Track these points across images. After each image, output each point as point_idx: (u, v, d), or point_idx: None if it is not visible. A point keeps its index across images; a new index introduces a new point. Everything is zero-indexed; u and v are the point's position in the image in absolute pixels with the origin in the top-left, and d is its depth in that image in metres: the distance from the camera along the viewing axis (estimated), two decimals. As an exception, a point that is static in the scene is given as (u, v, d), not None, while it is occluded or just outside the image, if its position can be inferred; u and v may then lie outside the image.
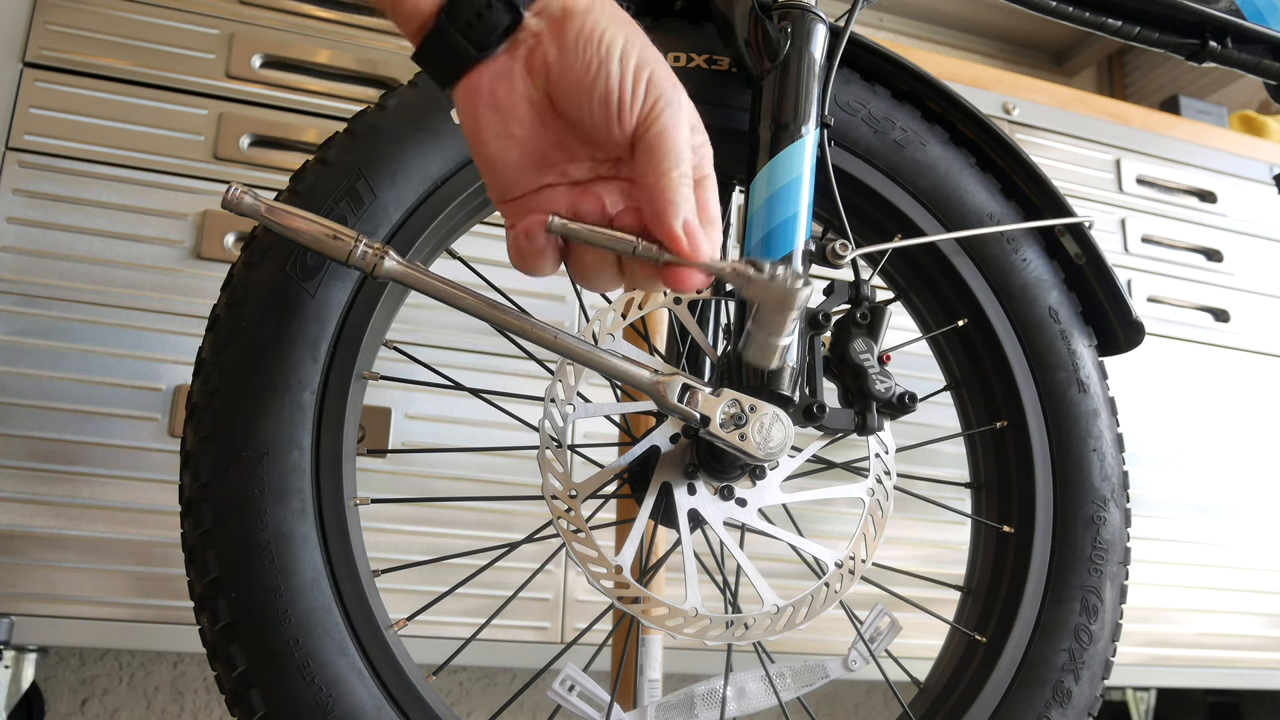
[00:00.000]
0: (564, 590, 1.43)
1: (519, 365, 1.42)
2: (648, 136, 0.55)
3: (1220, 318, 1.91)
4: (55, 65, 1.34)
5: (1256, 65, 1.02)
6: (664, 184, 0.55)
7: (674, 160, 0.55)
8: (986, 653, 0.81)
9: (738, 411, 0.67)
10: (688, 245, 0.55)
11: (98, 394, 1.28)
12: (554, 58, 0.55)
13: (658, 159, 0.55)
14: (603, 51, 0.54)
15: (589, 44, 0.54)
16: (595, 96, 0.54)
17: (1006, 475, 0.86)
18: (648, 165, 0.55)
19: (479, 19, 0.54)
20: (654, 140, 0.55)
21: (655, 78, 0.55)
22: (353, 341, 0.71)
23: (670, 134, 0.55)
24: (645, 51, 0.55)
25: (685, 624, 0.71)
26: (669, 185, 0.55)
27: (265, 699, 0.64)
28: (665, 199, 0.55)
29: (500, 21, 0.54)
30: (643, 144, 0.55)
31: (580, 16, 0.54)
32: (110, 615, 1.24)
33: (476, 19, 0.54)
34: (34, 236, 1.30)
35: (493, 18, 0.54)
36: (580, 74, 0.54)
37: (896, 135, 0.85)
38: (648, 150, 0.55)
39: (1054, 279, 0.88)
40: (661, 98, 0.55)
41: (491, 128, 0.56)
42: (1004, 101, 1.84)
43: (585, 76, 0.54)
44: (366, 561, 0.70)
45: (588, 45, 0.54)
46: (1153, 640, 1.73)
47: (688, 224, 0.55)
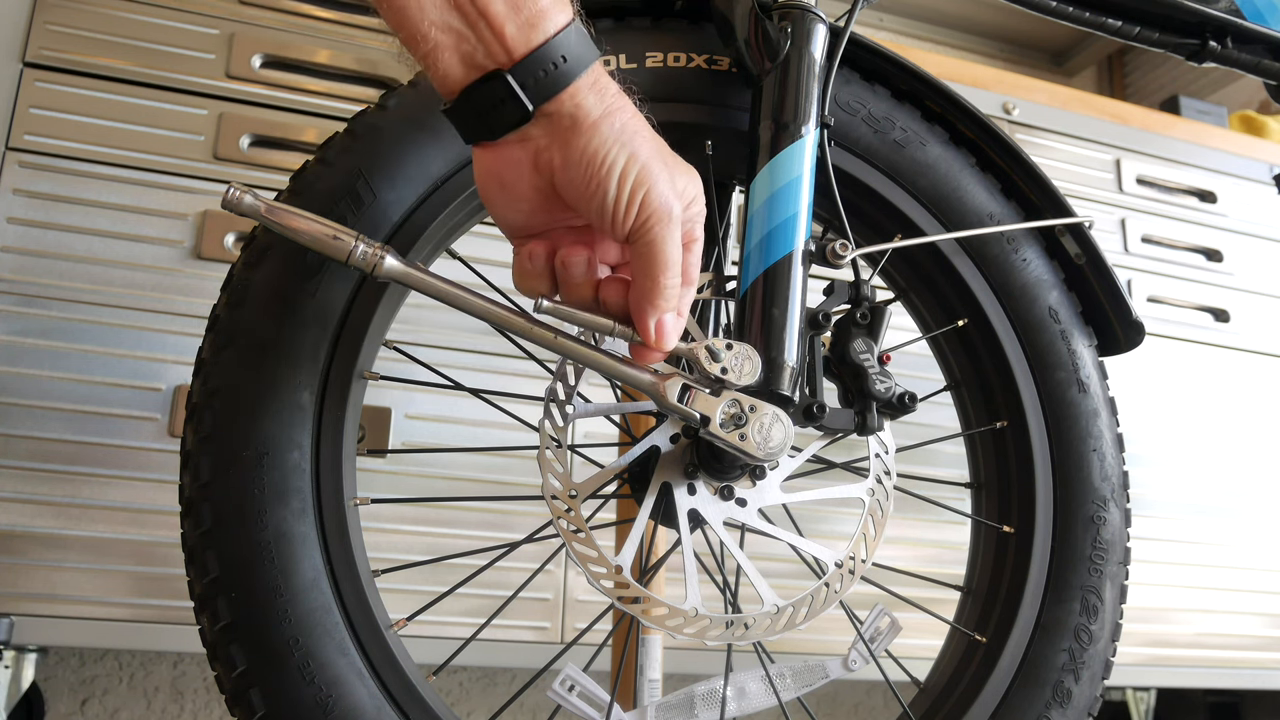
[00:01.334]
0: (564, 590, 1.43)
1: (519, 365, 1.42)
2: (639, 245, 0.60)
3: (1220, 318, 1.91)
4: (55, 65, 1.34)
5: (1256, 65, 1.02)
6: (648, 287, 0.61)
7: (661, 268, 0.60)
8: (986, 653, 0.81)
9: (738, 411, 0.67)
10: (656, 341, 0.62)
11: (98, 394, 1.28)
12: (559, 164, 0.59)
13: (647, 265, 0.60)
14: (603, 172, 0.58)
15: (591, 163, 0.58)
16: (593, 207, 0.59)
17: (1006, 475, 0.86)
18: (639, 267, 0.61)
19: (494, 110, 0.58)
20: (644, 250, 0.60)
21: (649, 198, 0.59)
22: (353, 341, 0.71)
23: (658, 247, 0.60)
24: (643, 171, 0.59)
25: (685, 624, 0.71)
26: (654, 289, 0.61)
27: (265, 699, 0.64)
28: (649, 300, 0.61)
29: (511, 118, 0.58)
30: (635, 248, 0.60)
31: (587, 133, 0.58)
32: (110, 615, 1.24)
33: (491, 109, 0.58)
34: (34, 236, 1.30)
35: (506, 111, 0.58)
36: (582, 186, 0.59)
37: (896, 135, 0.85)
38: (639, 255, 0.60)
39: (1054, 279, 0.88)
40: (653, 216, 0.59)
41: (499, 200, 0.62)
42: (1004, 101, 1.84)
43: (585, 189, 0.59)
44: (366, 561, 0.70)
45: (590, 164, 0.58)
46: (1153, 640, 1.73)
47: (661, 323, 0.62)
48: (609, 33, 0.79)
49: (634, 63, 0.79)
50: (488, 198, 0.62)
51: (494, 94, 0.57)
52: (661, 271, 0.60)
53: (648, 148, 0.60)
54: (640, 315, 0.62)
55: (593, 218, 0.60)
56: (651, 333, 0.62)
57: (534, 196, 0.61)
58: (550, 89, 0.58)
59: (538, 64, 0.57)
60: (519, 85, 0.57)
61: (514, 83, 0.57)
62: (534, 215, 0.62)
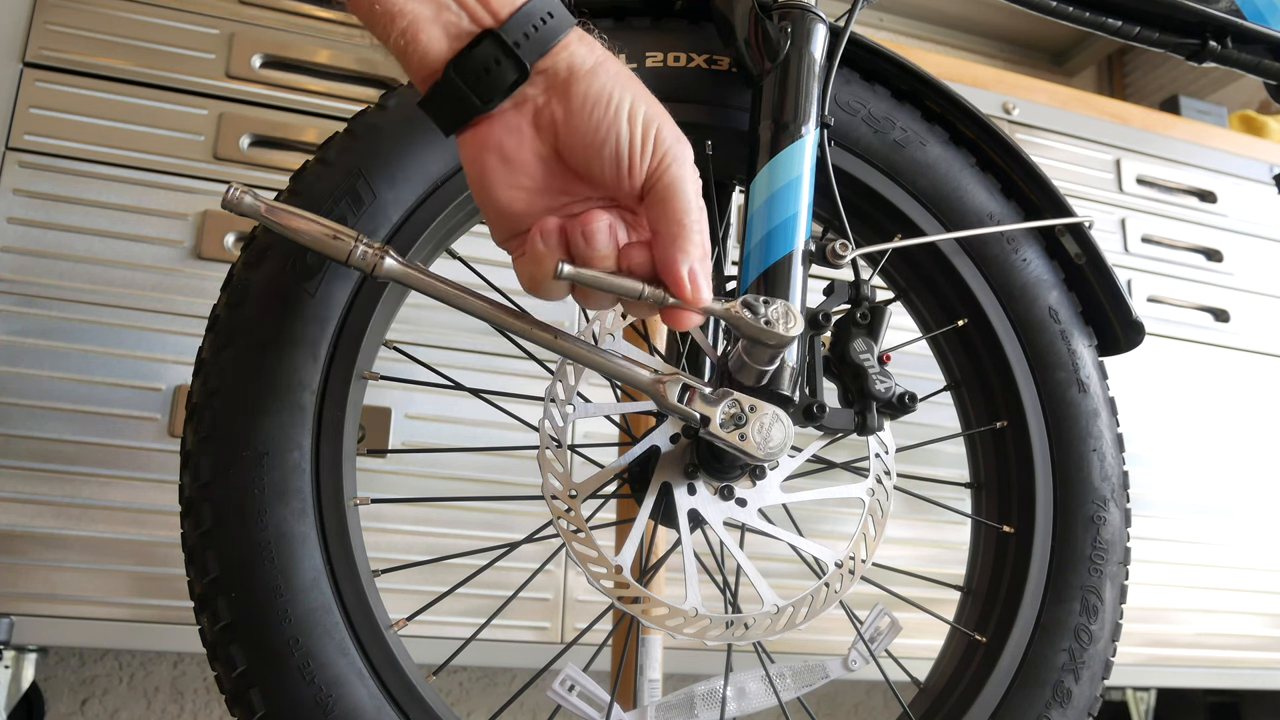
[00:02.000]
0: (564, 590, 1.43)
1: (519, 365, 1.42)
2: (658, 189, 0.57)
3: (1220, 318, 1.91)
4: (55, 65, 1.34)
5: (1256, 65, 1.02)
6: (675, 232, 0.57)
7: (684, 210, 0.57)
8: (986, 653, 0.81)
9: (738, 411, 0.67)
10: (691, 292, 0.57)
11: (98, 394, 1.28)
12: (561, 118, 0.57)
13: (668, 209, 0.57)
14: (610, 113, 0.56)
15: (597, 106, 0.56)
16: (605, 155, 0.56)
17: (1006, 475, 0.86)
18: (659, 214, 0.57)
19: (486, 74, 0.55)
20: (665, 192, 0.57)
21: (661, 134, 0.57)
22: (353, 341, 0.71)
23: (678, 186, 0.57)
24: (651, 109, 0.57)
25: (685, 624, 0.71)
26: (681, 234, 0.57)
27: (265, 699, 0.64)
28: (677, 247, 0.57)
29: (507, 77, 0.56)
30: (654, 195, 0.57)
31: (586, 79, 0.56)
32: (110, 615, 1.24)
33: (484, 73, 0.55)
34: (34, 236, 1.30)
35: (500, 73, 0.55)
36: (590, 134, 0.56)
37: (896, 135, 0.85)
38: (659, 201, 0.57)
39: (1054, 279, 0.88)
40: (669, 153, 0.57)
41: (499, 178, 0.58)
42: (1004, 101, 1.84)
43: (595, 137, 0.56)
44: (366, 561, 0.70)
45: (595, 107, 0.56)
46: (1153, 640, 1.73)
47: (693, 272, 0.57)
48: (609, 33, 0.79)
49: (634, 63, 0.79)
50: (487, 183, 0.58)
51: (485, 58, 0.55)
52: (685, 212, 0.57)
53: (645, 91, 0.58)
54: (671, 267, 0.57)
55: (605, 170, 0.57)
56: (686, 283, 0.57)
57: (538, 168, 0.58)
58: (543, 44, 0.56)
59: (526, 20, 0.56)
60: (512, 42, 0.55)
61: (508, 39, 0.55)
62: (536, 196, 0.58)
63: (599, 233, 0.58)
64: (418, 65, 0.56)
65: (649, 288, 0.58)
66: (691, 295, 0.58)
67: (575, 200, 0.59)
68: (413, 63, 0.56)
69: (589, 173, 0.58)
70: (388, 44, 0.56)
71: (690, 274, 0.57)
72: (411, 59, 0.56)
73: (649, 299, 0.58)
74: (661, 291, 0.58)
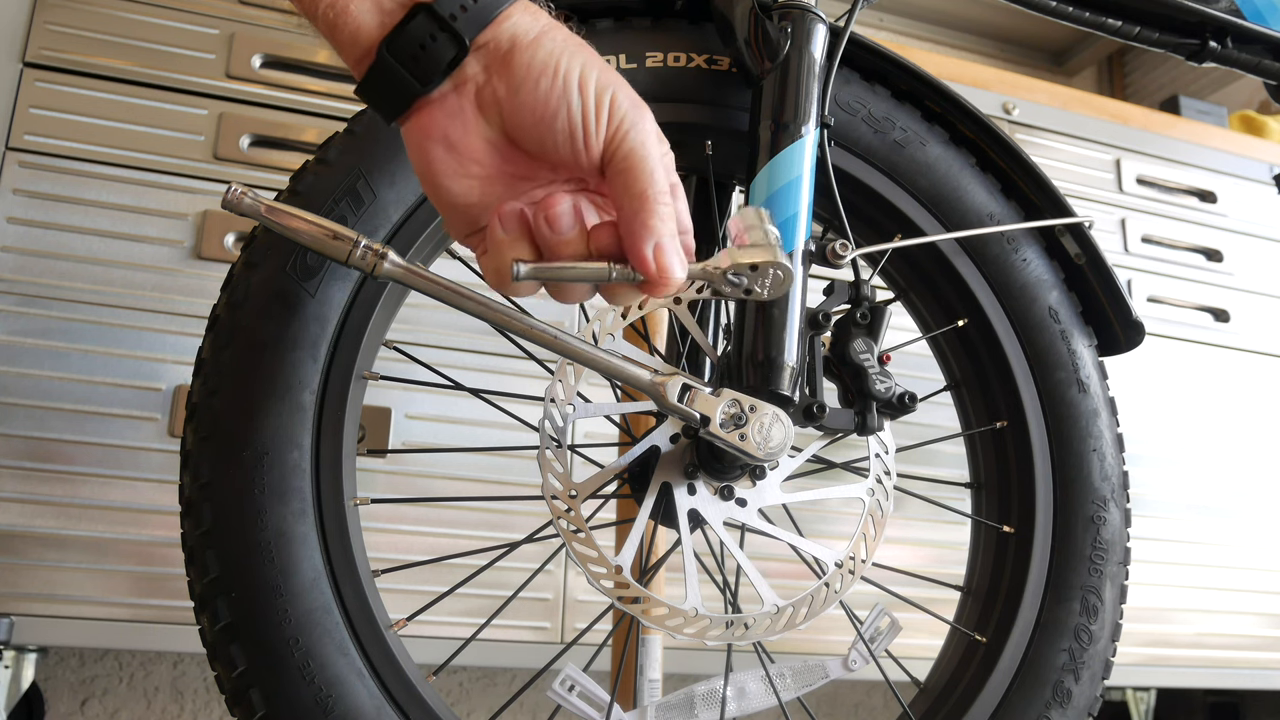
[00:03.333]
0: (564, 590, 1.43)
1: (519, 365, 1.42)
2: (617, 159, 0.53)
3: (1220, 318, 1.91)
4: (55, 65, 1.34)
5: (1256, 65, 1.02)
6: (634, 207, 0.52)
7: (647, 180, 0.53)
8: (986, 653, 0.81)
9: (738, 411, 0.67)
10: (656, 271, 0.53)
11: (98, 394, 1.28)
12: (505, 93, 0.52)
13: (631, 181, 0.52)
14: (559, 83, 0.52)
15: (543, 76, 0.52)
16: (558, 129, 0.52)
17: (1006, 475, 0.86)
18: (621, 187, 0.53)
19: (423, 51, 0.51)
20: (625, 162, 0.53)
21: (617, 100, 0.53)
22: (353, 341, 0.71)
23: (639, 153, 0.53)
24: (603, 74, 0.53)
25: (685, 624, 0.71)
26: (643, 207, 0.52)
27: (265, 699, 0.64)
28: (639, 222, 0.52)
29: (445, 55, 0.52)
30: (613, 166, 0.53)
31: (529, 49, 0.52)
32: (110, 615, 1.24)
33: (420, 51, 0.51)
34: (34, 236, 1.30)
35: (436, 50, 0.51)
36: (539, 108, 0.52)
37: (896, 135, 0.85)
38: (620, 173, 0.53)
39: (1054, 279, 0.88)
40: (625, 119, 0.53)
41: (448, 169, 0.53)
42: (1004, 101, 1.84)
43: (544, 110, 0.52)
44: (366, 561, 0.70)
45: (541, 78, 0.52)
46: (1153, 640, 1.73)
47: (659, 247, 0.53)
48: (609, 33, 0.79)
49: (634, 63, 0.79)
50: (435, 174, 0.54)
51: (419, 33, 0.51)
52: (648, 182, 0.52)
53: (596, 58, 0.54)
54: (635, 243, 0.52)
55: (560, 146, 0.53)
56: (651, 260, 0.52)
57: (486, 153, 0.53)
58: (482, 16, 0.52)
59: None
60: (447, 16, 0.51)
61: (442, 13, 0.51)
62: (489, 184, 0.54)
63: (562, 216, 0.53)
64: (349, 45, 0.52)
65: (617, 268, 0.53)
66: (657, 275, 0.53)
67: (536, 185, 0.55)
68: (344, 42, 0.52)
69: (544, 152, 0.53)
70: (315, 21, 0.52)
71: (657, 250, 0.52)
72: (342, 37, 0.52)
73: (618, 279, 0.53)
74: (629, 269, 0.53)
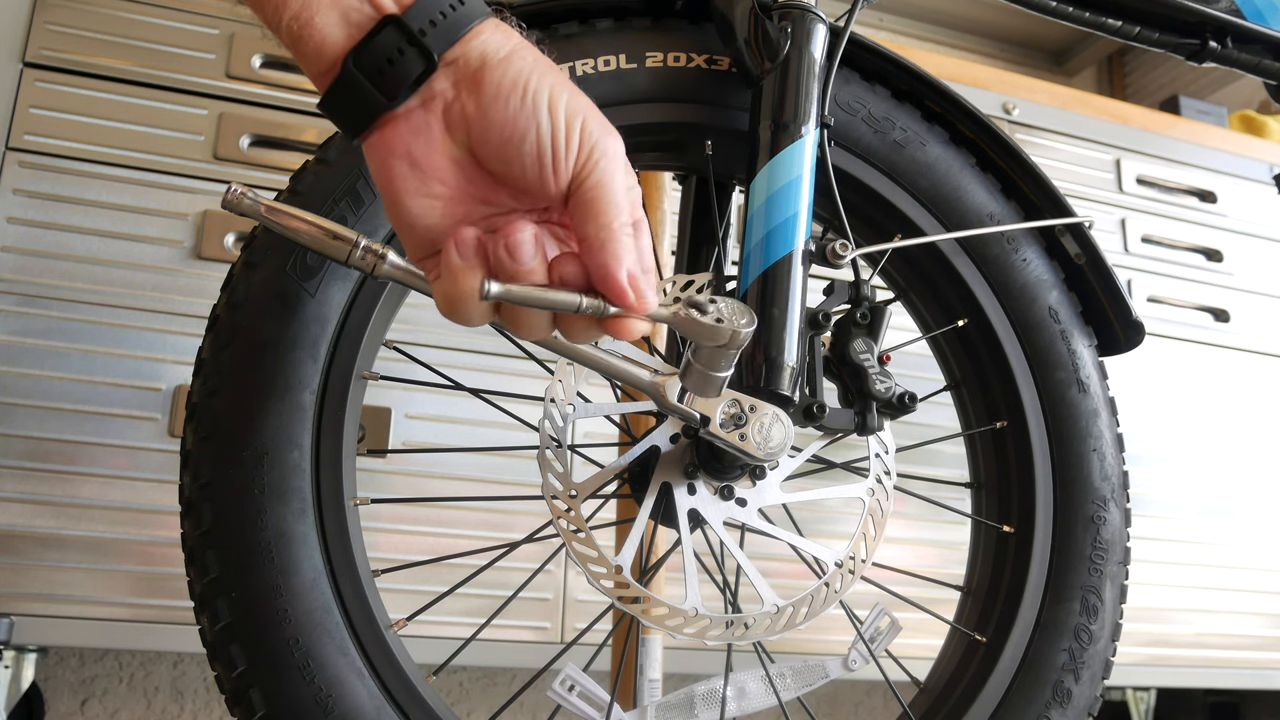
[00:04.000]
0: (564, 590, 1.43)
1: (519, 365, 1.42)
2: (584, 189, 0.52)
3: (1220, 318, 1.91)
4: (55, 65, 1.34)
5: (1256, 65, 1.02)
6: (604, 237, 0.51)
7: (614, 212, 0.52)
8: (986, 653, 0.81)
9: (737, 411, 0.67)
10: (634, 299, 0.52)
11: (98, 394, 1.28)
12: (474, 112, 0.51)
13: (597, 211, 0.52)
14: (529, 104, 0.51)
15: (513, 95, 0.51)
16: (525, 151, 0.51)
17: (1006, 475, 0.86)
18: (587, 217, 0.52)
19: (390, 65, 0.50)
20: (591, 192, 0.52)
21: (588, 127, 0.52)
22: (353, 341, 0.71)
23: (608, 185, 0.52)
24: (574, 99, 0.52)
25: (685, 624, 0.71)
26: (611, 238, 0.51)
27: (265, 699, 0.64)
28: (609, 252, 0.51)
29: (412, 70, 0.50)
30: (579, 196, 0.52)
31: (499, 67, 0.51)
32: (110, 615, 1.24)
33: (387, 65, 0.50)
34: (34, 236, 1.30)
35: (404, 65, 0.50)
36: (507, 128, 0.51)
37: (896, 135, 0.85)
38: (586, 203, 0.52)
39: (1054, 279, 0.88)
40: (596, 148, 0.52)
41: (410, 187, 0.52)
42: (1004, 101, 1.84)
43: (513, 131, 0.51)
44: (366, 561, 0.70)
45: (511, 97, 0.51)
46: (1153, 640, 1.73)
47: (633, 276, 0.52)
48: (609, 33, 0.79)
49: (634, 63, 0.79)
50: (396, 192, 0.52)
51: (387, 47, 0.50)
52: (613, 215, 0.51)
53: (567, 81, 0.53)
54: (608, 274, 0.51)
55: (527, 169, 0.51)
56: (628, 290, 0.51)
57: (451, 172, 0.52)
58: (452, 32, 0.51)
59: (434, 6, 0.50)
60: (416, 30, 0.50)
61: (412, 26, 0.50)
62: (450, 205, 0.53)
63: (523, 245, 0.51)
64: (314, 57, 0.51)
65: (587, 299, 0.52)
66: (636, 302, 0.52)
67: (496, 212, 0.54)
68: (309, 54, 0.51)
69: (509, 175, 0.52)
70: (278, 32, 0.51)
71: (630, 279, 0.52)
72: (307, 49, 0.51)
73: (587, 310, 0.53)
74: (600, 302, 0.52)
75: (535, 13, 0.78)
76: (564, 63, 0.77)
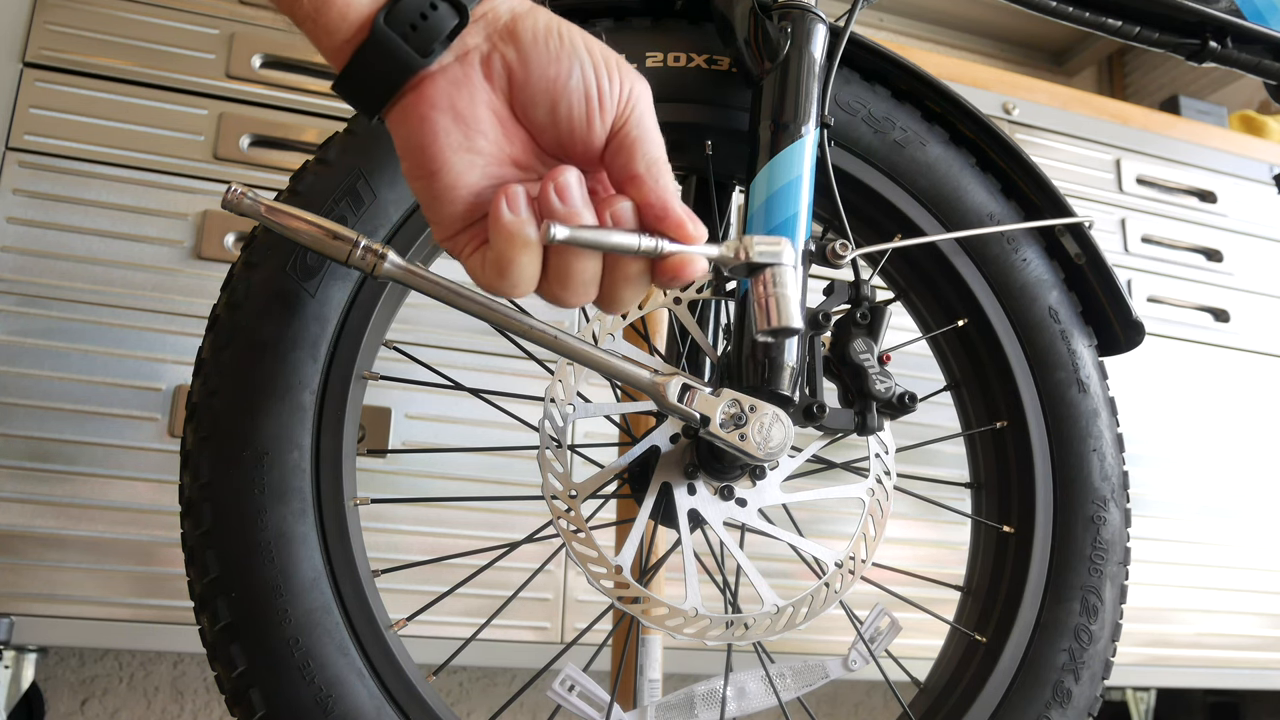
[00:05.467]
0: (564, 590, 1.43)
1: (519, 365, 1.42)
2: (628, 126, 0.52)
3: (1220, 318, 1.91)
4: (55, 65, 1.34)
5: (1256, 65, 1.02)
6: (656, 171, 0.52)
7: (659, 147, 0.53)
8: (986, 653, 0.81)
9: (738, 411, 0.67)
10: (693, 228, 0.53)
11: (98, 394, 1.28)
12: (515, 59, 0.51)
13: (646, 147, 0.53)
14: (569, 45, 0.51)
15: (550, 38, 0.51)
16: (572, 89, 0.51)
17: (1006, 475, 0.86)
18: (635, 154, 0.52)
19: (423, 20, 0.49)
20: (636, 130, 0.52)
21: (624, 67, 0.53)
22: (353, 341, 0.71)
23: (649, 123, 0.53)
24: (604, 46, 0.53)
25: (685, 624, 0.71)
26: (662, 172, 0.53)
27: (265, 699, 0.64)
28: (663, 185, 0.52)
29: (446, 23, 0.50)
30: (624, 135, 0.52)
31: (529, 16, 0.52)
32: (110, 615, 1.24)
33: (421, 20, 0.49)
34: (34, 236, 1.30)
35: (437, 20, 0.49)
36: (552, 68, 0.51)
37: (896, 135, 0.85)
38: (633, 141, 0.52)
39: (1054, 279, 0.88)
40: (634, 88, 0.53)
41: (454, 141, 0.51)
42: (1004, 101, 1.84)
43: (558, 71, 0.51)
44: (366, 561, 0.70)
45: (549, 39, 0.51)
46: (1153, 640, 1.73)
47: (688, 211, 0.53)
48: (609, 33, 0.80)
49: (634, 63, 0.79)
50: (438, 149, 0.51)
51: (417, 5, 0.49)
52: (660, 150, 0.53)
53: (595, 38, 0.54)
54: (665, 204, 0.52)
55: (574, 109, 0.51)
56: (687, 221, 0.52)
57: (494, 128, 0.52)
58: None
59: None
60: None
61: None
62: (493, 163, 0.52)
63: (571, 186, 0.51)
64: (337, 25, 0.49)
65: (644, 236, 0.52)
66: (694, 231, 0.53)
67: (530, 177, 0.54)
68: (331, 23, 0.50)
69: (554, 122, 0.52)
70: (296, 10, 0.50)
71: (684, 210, 0.53)
72: (329, 18, 0.49)
73: (644, 250, 0.52)
74: (656, 241, 0.52)
75: (535, 13, 0.78)
76: (564, 63, 0.77)
